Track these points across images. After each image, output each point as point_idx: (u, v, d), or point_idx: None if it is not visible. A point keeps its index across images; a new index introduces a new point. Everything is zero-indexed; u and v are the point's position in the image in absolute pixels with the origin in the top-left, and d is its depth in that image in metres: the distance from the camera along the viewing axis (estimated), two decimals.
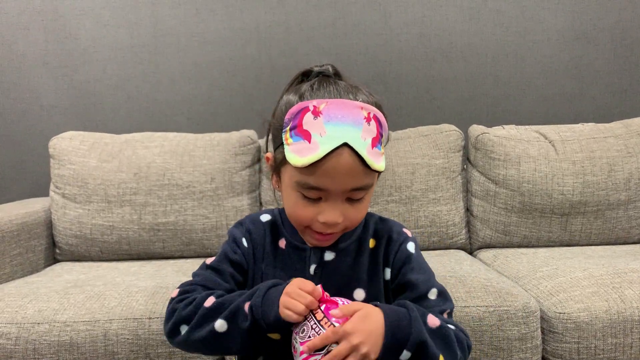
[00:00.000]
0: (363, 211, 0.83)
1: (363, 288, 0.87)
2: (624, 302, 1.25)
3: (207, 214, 1.75)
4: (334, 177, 0.75)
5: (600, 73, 2.17)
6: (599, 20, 2.14)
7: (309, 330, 0.73)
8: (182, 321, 0.80)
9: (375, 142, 0.77)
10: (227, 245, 0.92)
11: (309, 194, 0.78)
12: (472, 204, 1.83)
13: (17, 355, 1.20)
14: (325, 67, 0.85)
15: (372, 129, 0.77)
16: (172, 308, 0.83)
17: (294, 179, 0.79)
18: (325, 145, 0.73)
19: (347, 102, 0.76)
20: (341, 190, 0.77)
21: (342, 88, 0.80)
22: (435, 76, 2.17)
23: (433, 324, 0.77)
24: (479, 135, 1.82)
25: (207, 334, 0.78)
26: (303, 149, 0.75)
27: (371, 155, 0.75)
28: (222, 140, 1.84)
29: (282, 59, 2.14)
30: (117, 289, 1.35)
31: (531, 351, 1.25)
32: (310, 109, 0.76)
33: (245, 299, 0.78)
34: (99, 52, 2.13)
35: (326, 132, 0.74)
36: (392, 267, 0.88)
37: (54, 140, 1.83)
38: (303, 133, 0.75)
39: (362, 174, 0.77)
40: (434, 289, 0.86)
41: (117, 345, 1.21)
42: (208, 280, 0.86)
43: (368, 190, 0.80)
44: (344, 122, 0.74)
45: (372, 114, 0.78)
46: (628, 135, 1.80)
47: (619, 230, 1.76)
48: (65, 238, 1.75)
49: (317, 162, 0.74)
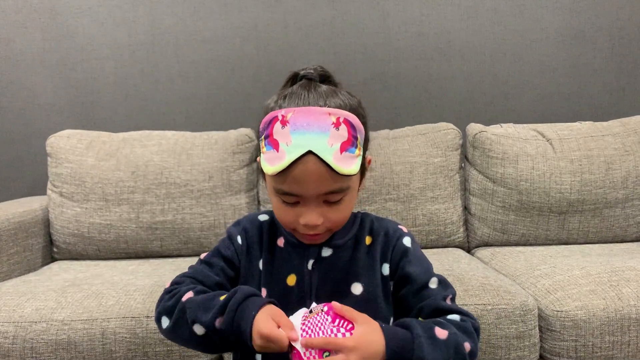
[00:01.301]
0: (344, 211, 0.85)
1: (360, 282, 0.88)
2: (621, 300, 1.25)
3: (205, 213, 1.75)
4: (303, 183, 0.78)
5: (598, 72, 2.17)
6: (596, 19, 2.14)
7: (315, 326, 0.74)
8: (164, 312, 0.83)
9: (346, 145, 0.78)
10: (222, 242, 0.95)
11: (286, 198, 0.81)
12: (470, 202, 1.83)
13: (14, 354, 1.20)
14: (309, 71, 0.86)
15: (342, 133, 0.78)
16: (160, 298, 0.87)
17: (271, 185, 0.82)
18: (290, 154, 0.76)
19: (314, 110, 0.78)
20: (314, 195, 0.79)
21: (315, 94, 0.81)
22: (433, 75, 2.17)
23: (442, 335, 0.78)
24: (476, 134, 1.82)
25: (189, 335, 0.80)
26: (273, 158, 0.78)
27: (338, 161, 0.77)
28: (220, 138, 1.84)
29: (280, 57, 2.14)
30: (115, 288, 1.35)
31: (529, 349, 1.25)
32: (279, 119, 0.78)
33: (217, 313, 0.78)
34: (97, 51, 2.13)
35: (292, 141, 0.76)
36: (391, 262, 0.90)
37: (51, 138, 1.82)
38: (273, 142, 0.78)
39: (332, 179, 0.78)
40: (434, 278, 0.87)
41: (114, 344, 1.21)
42: (198, 273, 0.89)
43: (345, 192, 0.82)
44: (308, 130, 0.76)
45: (342, 118, 0.78)
46: (625, 133, 1.81)
47: (616, 228, 1.76)
48: (63, 237, 1.75)
49: (285, 170, 0.77)
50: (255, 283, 0.90)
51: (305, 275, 0.88)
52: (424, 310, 0.84)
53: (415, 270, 0.88)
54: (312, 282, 0.88)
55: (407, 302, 0.87)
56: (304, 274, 0.88)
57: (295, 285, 0.88)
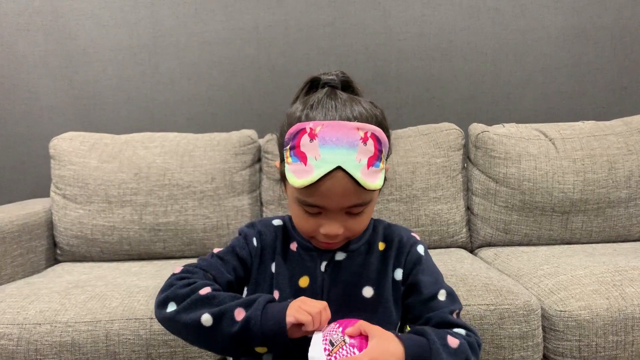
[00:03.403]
0: (365, 221, 0.86)
1: (371, 286, 0.89)
2: (624, 299, 1.25)
3: (208, 214, 1.75)
4: (329, 197, 0.78)
5: (600, 71, 2.17)
6: (598, 18, 2.14)
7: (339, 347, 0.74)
8: (173, 298, 0.81)
9: (373, 160, 0.78)
10: (237, 240, 0.94)
11: (309, 209, 0.82)
12: (472, 202, 1.83)
13: (18, 356, 1.20)
14: (331, 77, 0.86)
15: (369, 148, 0.78)
16: (169, 282, 0.84)
17: (294, 194, 0.82)
18: (319, 169, 0.76)
19: (343, 124, 0.77)
20: (338, 208, 0.80)
21: (341, 104, 0.81)
22: (435, 75, 2.17)
23: (454, 344, 0.79)
24: (479, 134, 1.82)
25: (191, 322, 0.78)
26: (300, 171, 0.78)
27: (366, 176, 0.77)
28: (222, 140, 1.84)
29: (282, 58, 2.14)
30: (119, 289, 1.36)
31: (532, 349, 1.25)
32: (307, 131, 0.77)
33: (239, 305, 0.78)
34: (99, 53, 2.14)
35: (320, 155, 0.76)
36: (404, 268, 0.91)
37: (54, 141, 1.83)
38: (300, 155, 0.78)
39: (358, 194, 0.79)
40: (443, 290, 0.88)
41: (118, 346, 1.21)
42: (211, 267, 0.88)
43: (367, 205, 0.83)
44: (338, 145, 0.76)
45: (370, 133, 0.78)
46: (628, 132, 1.80)
47: (619, 228, 1.76)
48: (66, 239, 1.76)
49: (312, 184, 0.77)
50: (267, 285, 0.90)
51: (318, 277, 0.89)
52: (432, 321, 0.85)
53: (425, 279, 0.89)
54: (324, 284, 0.89)
55: (414, 309, 0.88)
56: (317, 276, 0.89)
57: (308, 287, 0.89)
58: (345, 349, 0.74)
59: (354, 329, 0.76)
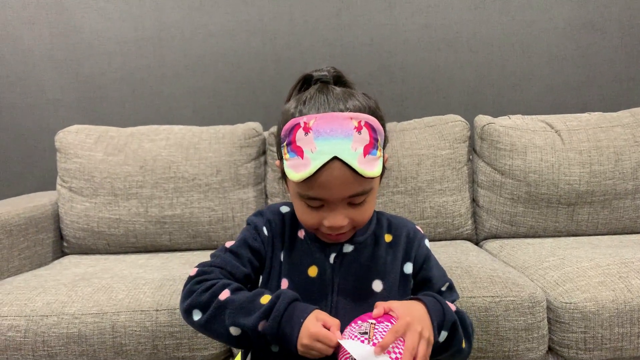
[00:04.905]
0: (368, 211, 0.87)
1: (381, 279, 0.91)
2: (630, 291, 1.24)
3: (213, 207, 1.75)
4: (329, 188, 0.79)
5: (607, 62, 2.15)
6: (605, 8, 2.12)
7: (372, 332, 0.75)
8: (196, 305, 0.83)
9: (369, 148, 0.79)
10: (248, 231, 0.95)
11: (311, 203, 0.83)
12: (478, 194, 1.83)
13: (26, 347, 1.21)
14: (323, 73, 0.88)
15: (364, 136, 0.79)
16: (189, 289, 0.86)
17: (295, 190, 0.84)
18: (316, 160, 0.77)
19: (336, 115, 0.79)
20: (339, 199, 0.81)
21: (333, 97, 0.82)
22: (441, 66, 2.16)
23: (453, 308, 0.85)
24: (484, 126, 1.81)
25: (222, 332, 0.81)
26: (297, 165, 0.79)
27: (363, 165, 0.78)
28: (227, 132, 1.84)
29: (287, 50, 2.14)
30: (125, 282, 1.36)
31: (537, 341, 1.25)
32: (301, 126, 0.79)
33: (261, 317, 0.79)
34: (104, 46, 2.14)
35: (316, 147, 0.77)
36: (415, 262, 0.94)
37: (60, 134, 1.84)
38: (297, 149, 0.79)
39: (357, 183, 0.80)
40: (447, 283, 0.94)
41: (125, 337, 1.22)
42: (227, 263, 0.89)
43: (368, 194, 0.84)
44: (333, 135, 0.77)
45: (364, 121, 0.80)
46: (635, 124, 1.79)
47: (626, 219, 1.75)
48: (73, 231, 1.77)
49: (310, 176, 0.78)
50: (276, 273, 0.91)
51: (327, 269, 0.90)
52: None
53: (436, 274, 0.94)
54: (333, 276, 0.89)
55: None
56: (326, 267, 0.90)
57: (317, 277, 0.90)
58: (378, 328, 0.75)
59: (378, 310, 0.78)
